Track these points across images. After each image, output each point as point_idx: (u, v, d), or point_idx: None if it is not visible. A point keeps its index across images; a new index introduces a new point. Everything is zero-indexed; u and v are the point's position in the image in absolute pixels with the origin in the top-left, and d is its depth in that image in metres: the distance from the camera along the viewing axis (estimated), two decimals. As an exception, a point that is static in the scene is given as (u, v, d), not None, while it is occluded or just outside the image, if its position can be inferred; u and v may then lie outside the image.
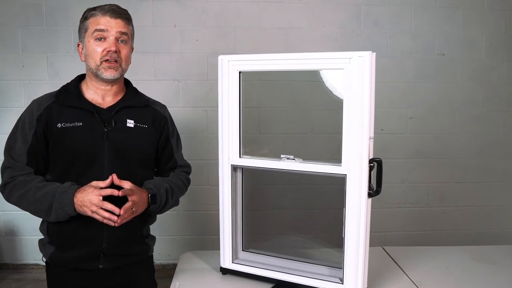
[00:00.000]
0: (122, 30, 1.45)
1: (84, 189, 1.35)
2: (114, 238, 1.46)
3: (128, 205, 1.35)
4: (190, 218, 3.27)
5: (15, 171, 1.41)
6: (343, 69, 1.36)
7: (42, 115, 1.42)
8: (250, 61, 1.54)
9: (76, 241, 1.45)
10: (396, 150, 3.31)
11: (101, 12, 1.44)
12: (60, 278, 1.50)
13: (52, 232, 1.47)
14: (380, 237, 3.13)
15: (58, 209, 1.36)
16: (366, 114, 1.34)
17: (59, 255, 1.47)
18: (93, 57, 1.44)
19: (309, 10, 3.19)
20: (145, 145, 1.54)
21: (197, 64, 3.17)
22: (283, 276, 1.54)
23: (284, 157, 1.53)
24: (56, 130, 1.42)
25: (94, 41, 1.44)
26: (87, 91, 1.51)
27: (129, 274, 1.55)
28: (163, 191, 1.51)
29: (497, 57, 3.31)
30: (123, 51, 1.47)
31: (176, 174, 1.64)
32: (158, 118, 1.59)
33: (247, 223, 1.67)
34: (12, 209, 3.17)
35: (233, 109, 1.56)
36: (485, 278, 1.64)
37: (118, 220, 1.33)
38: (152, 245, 1.65)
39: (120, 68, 1.47)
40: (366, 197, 1.37)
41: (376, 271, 1.64)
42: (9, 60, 3.11)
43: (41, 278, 3.16)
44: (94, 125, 1.45)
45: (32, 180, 1.40)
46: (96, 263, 1.47)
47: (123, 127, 1.49)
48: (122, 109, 1.50)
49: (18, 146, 1.42)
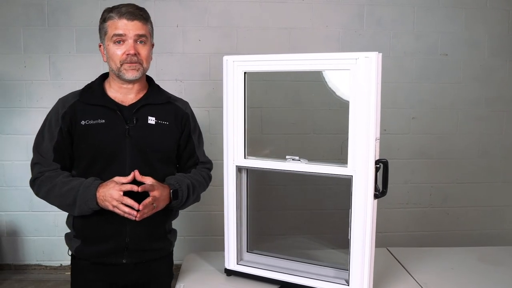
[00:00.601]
0: (139, 32, 1.48)
1: (106, 184, 1.40)
2: (137, 233, 1.50)
3: (148, 201, 1.38)
4: (194, 218, 3.26)
5: (43, 166, 1.47)
6: (349, 70, 1.36)
7: (66, 113, 1.48)
8: (255, 61, 1.53)
9: (100, 236, 1.49)
10: (399, 151, 3.30)
11: (118, 14, 1.46)
12: (84, 272, 1.54)
13: (77, 226, 1.53)
14: (383, 237, 3.10)
15: (81, 204, 1.41)
16: (372, 115, 1.33)
17: (84, 248, 1.52)
18: (113, 59, 1.49)
19: (311, 10, 3.19)
20: (166, 141, 1.57)
21: (200, 64, 3.16)
22: (288, 278, 1.54)
23: (290, 158, 1.52)
24: (79, 127, 1.48)
25: (113, 45, 1.48)
26: (110, 90, 1.55)
27: (151, 269, 1.58)
28: (184, 187, 1.53)
29: (501, 57, 3.30)
30: (142, 52, 1.50)
31: (197, 171, 1.66)
32: (180, 114, 1.62)
33: (252, 224, 1.66)
34: (14, 209, 3.20)
35: (238, 110, 1.55)
36: (491, 279, 1.64)
37: (138, 215, 1.37)
38: (174, 240, 1.68)
39: (141, 67, 1.51)
40: (372, 199, 1.36)
41: (381, 272, 1.63)
42: (11, 60, 3.10)
43: (43, 278, 3.16)
44: (116, 123, 1.49)
45: (58, 175, 1.46)
46: (120, 258, 1.51)
47: (144, 124, 1.52)
48: (144, 106, 1.54)
49: (45, 143, 1.49)
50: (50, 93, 3.13)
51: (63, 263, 3.28)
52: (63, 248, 3.22)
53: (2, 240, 3.25)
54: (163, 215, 1.54)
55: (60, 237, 3.22)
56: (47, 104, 3.13)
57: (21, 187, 3.18)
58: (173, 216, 1.66)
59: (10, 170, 3.18)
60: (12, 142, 3.16)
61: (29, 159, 3.22)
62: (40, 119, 3.34)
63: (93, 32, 3.10)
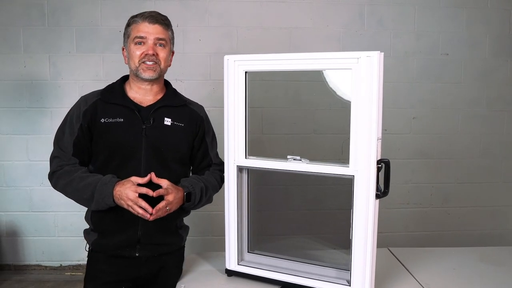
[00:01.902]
0: (159, 36, 1.57)
1: (123, 183, 1.47)
2: (148, 228, 1.55)
3: (161, 205, 1.46)
4: (195, 218, 3.24)
5: (62, 160, 1.54)
6: (351, 69, 1.35)
7: (87, 110, 1.56)
8: (256, 61, 1.52)
9: (115, 229, 1.56)
10: (400, 150, 3.29)
11: (141, 18, 1.56)
12: (99, 263, 1.60)
13: (95, 220, 1.59)
14: (383, 237, 3.09)
15: (98, 200, 1.48)
16: (374, 114, 1.32)
17: (101, 241, 1.59)
18: (133, 59, 1.57)
19: (312, 10, 3.18)
20: (180, 142, 1.62)
21: (200, 64, 3.16)
22: (290, 278, 1.53)
23: (291, 158, 1.52)
24: (99, 124, 1.54)
25: (134, 45, 1.56)
26: (130, 91, 1.63)
27: (162, 262, 1.63)
28: (198, 190, 1.59)
29: (501, 57, 3.30)
30: (161, 54, 1.58)
31: (211, 173, 1.71)
32: (195, 117, 1.68)
33: (253, 224, 1.66)
34: (13, 210, 3.20)
35: (239, 110, 1.54)
36: (493, 279, 1.63)
37: (151, 218, 1.44)
38: (185, 235, 1.72)
39: (159, 68, 1.58)
40: (374, 199, 1.36)
41: (383, 273, 1.62)
42: (11, 60, 3.10)
43: (43, 279, 3.16)
44: (134, 122, 1.55)
45: (76, 170, 1.52)
46: (133, 251, 1.56)
47: (160, 125, 1.58)
48: (161, 108, 1.60)
49: (66, 138, 1.56)
50: (50, 93, 3.13)
51: (63, 263, 3.28)
52: (63, 248, 3.25)
53: (2, 240, 3.25)
54: (175, 212, 1.58)
55: (59, 238, 3.25)
56: (47, 104, 3.14)
57: (21, 187, 3.18)
58: (185, 213, 1.71)
59: (10, 170, 3.18)
60: (12, 143, 3.16)
61: (29, 160, 3.23)
62: (40, 119, 3.35)
63: (93, 32, 3.13)
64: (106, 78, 2.85)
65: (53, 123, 3.07)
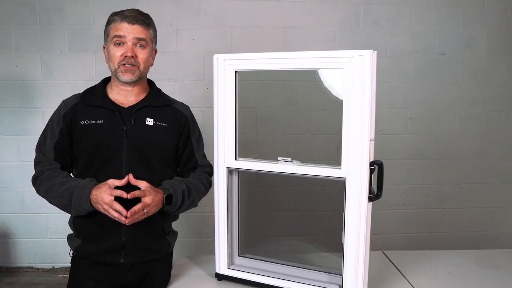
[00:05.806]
0: (139, 36, 1.52)
1: (100, 186, 1.43)
2: (133, 233, 1.51)
3: (137, 208, 1.40)
4: (186, 220, 3.20)
5: (44, 165, 1.52)
6: (343, 69, 1.32)
7: (67, 113, 1.53)
8: (247, 60, 1.50)
9: (98, 234, 1.52)
10: (396, 151, 3.26)
11: (121, 18, 1.52)
12: (82, 270, 1.56)
13: (77, 225, 1.56)
14: (378, 239, 3.07)
15: (76, 205, 1.44)
16: (366, 115, 1.29)
17: (84, 247, 1.54)
18: (112, 60, 1.54)
19: (307, 9, 3.15)
20: (164, 142, 1.58)
21: (194, 63, 3.12)
22: (281, 283, 1.50)
23: (282, 160, 1.48)
24: (79, 126, 1.52)
25: (113, 46, 1.53)
26: (111, 92, 1.59)
27: (148, 269, 1.58)
28: (179, 192, 1.53)
29: (498, 57, 3.27)
30: (140, 55, 1.53)
31: (196, 175, 1.65)
32: (179, 117, 1.63)
33: (243, 227, 1.63)
34: (4, 211, 3.16)
35: (228, 111, 1.51)
36: (488, 283, 1.60)
37: (127, 221, 1.39)
38: (173, 241, 1.68)
39: (138, 71, 1.54)
40: (366, 202, 1.33)
41: (377, 276, 1.59)
42: (2, 59, 3.05)
43: (34, 281, 3.12)
44: (115, 123, 1.52)
45: (57, 175, 1.49)
46: (118, 257, 1.52)
47: (142, 125, 1.54)
48: (143, 108, 1.57)
49: (47, 142, 1.54)
50: (42, 93, 3.09)
51: (55, 265, 3.24)
52: (55, 250, 3.21)
53: (-7, 242, 3.20)
54: (160, 216, 1.54)
55: (52, 239, 3.20)
56: (39, 104, 3.10)
57: (12, 188, 3.14)
58: (173, 218, 1.66)
59: (1, 171, 3.14)
60: (3, 143, 3.12)
61: (20, 160, 3.19)
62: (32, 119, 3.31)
63: (85, 32, 3.09)
64: (99, 78, 2.76)
65: (45, 123, 2.98)
